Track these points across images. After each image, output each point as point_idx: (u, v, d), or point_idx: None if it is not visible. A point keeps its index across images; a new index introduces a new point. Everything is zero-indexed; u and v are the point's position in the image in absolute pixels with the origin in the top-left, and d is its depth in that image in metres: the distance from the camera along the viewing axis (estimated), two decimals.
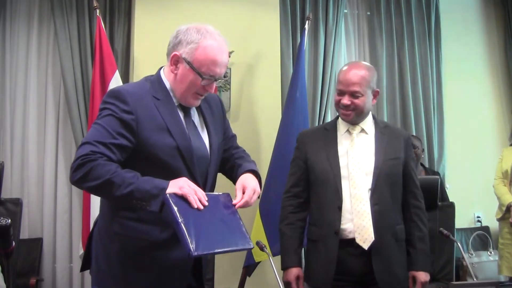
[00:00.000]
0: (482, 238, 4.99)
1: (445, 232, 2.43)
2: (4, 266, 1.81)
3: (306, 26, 4.40)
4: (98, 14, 4.01)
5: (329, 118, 4.75)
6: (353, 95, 2.58)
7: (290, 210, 2.73)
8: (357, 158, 2.59)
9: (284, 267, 2.66)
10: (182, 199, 1.86)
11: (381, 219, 2.54)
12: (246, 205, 2.04)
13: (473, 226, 5.16)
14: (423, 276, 2.59)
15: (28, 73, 4.30)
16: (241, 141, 2.43)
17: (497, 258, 4.61)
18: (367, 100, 2.61)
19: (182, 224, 1.78)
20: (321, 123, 4.64)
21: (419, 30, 5.11)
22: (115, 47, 4.31)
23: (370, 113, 2.73)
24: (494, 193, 4.53)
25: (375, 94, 2.68)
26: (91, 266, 2.17)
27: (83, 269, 2.26)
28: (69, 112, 4.17)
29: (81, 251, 3.81)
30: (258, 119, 4.41)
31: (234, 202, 2.03)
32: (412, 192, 2.68)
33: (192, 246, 1.76)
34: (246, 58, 4.33)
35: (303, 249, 2.83)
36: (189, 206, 1.86)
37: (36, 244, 4.15)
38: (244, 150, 2.42)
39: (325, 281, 2.60)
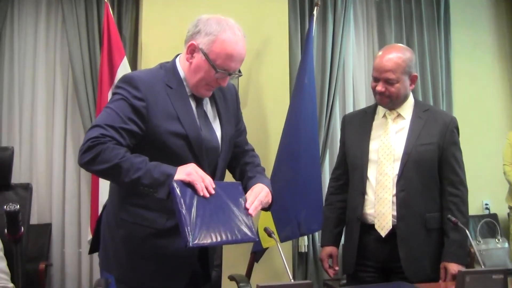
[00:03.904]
0: (490, 226, 4.98)
1: (453, 219, 2.40)
2: (14, 251, 1.83)
3: (315, 12, 4.36)
4: (106, 0, 3.99)
5: (337, 105, 4.73)
6: (387, 82, 2.51)
7: (330, 192, 2.87)
8: (387, 144, 2.56)
9: (321, 246, 2.83)
10: (188, 186, 1.85)
11: (407, 207, 2.49)
12: (258, 205, 2.00)
13: (481, 213, 5.14)
14: (454, 268, 2.43)
15: (36, 60, 4.30)
16: (249, 128, 2.42)
17: (506, 245, 4.60)
18: (403, 86, 2.54)
19: (183, 214, 1.78)
20: (329, 110, 4.62)
21: (428, 16, 5.06)
22: (123, 33, 4.28)
23: (411, 97, 2.66)
24: (505, 180, 4.49)
25: (413, 79, 2.59)
26: (99, 250, 2.20)
27: (91, 251, 2.29)
28: (77, 99, 4.18)
29: (90, 237, 3.83)
30: (266, 106, 4.40)
31: (247, 206, 1.97)
32: (448, 179, 2.56)
33: (190, 237, 1.75)
34: (254, 45, 4.30)
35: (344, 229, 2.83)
36: (195, 194, 1.85)
37: (45, 229, 4.17)
38: (254, 152, 2.37)
39: (349, 264, 2.64)
